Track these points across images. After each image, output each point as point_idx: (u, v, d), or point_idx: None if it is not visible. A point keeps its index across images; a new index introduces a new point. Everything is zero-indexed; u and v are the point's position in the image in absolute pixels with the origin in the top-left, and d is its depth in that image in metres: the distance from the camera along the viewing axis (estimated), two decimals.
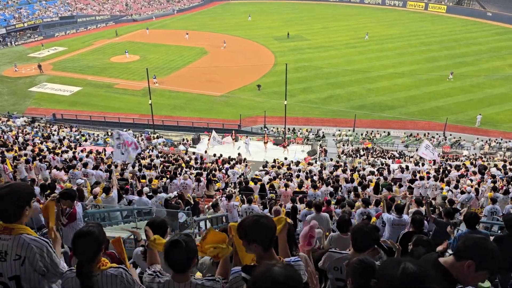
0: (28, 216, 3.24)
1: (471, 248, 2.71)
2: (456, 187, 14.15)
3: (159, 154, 22.64)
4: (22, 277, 3.11)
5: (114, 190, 10.53)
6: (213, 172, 17.21)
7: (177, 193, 12.12)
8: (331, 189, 13.17)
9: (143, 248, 4.60)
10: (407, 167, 19.59)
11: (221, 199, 14.03)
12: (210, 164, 20.98)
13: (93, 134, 30.97)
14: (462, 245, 2.75)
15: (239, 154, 24.62)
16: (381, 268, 2.14)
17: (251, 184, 14.75)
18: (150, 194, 11.72)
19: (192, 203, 11.96)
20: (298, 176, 17.30)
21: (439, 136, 31.82)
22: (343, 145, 30.59)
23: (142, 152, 22.73)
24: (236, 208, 11.60)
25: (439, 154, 27.58)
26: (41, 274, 3.16)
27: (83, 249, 3.08)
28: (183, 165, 19.50)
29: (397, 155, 26.48)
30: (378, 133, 32.63)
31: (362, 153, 27.13)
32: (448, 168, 19.81)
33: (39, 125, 31.72)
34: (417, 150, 26.56)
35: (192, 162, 21.10)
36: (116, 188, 10.75)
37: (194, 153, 26.32)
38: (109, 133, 31.04)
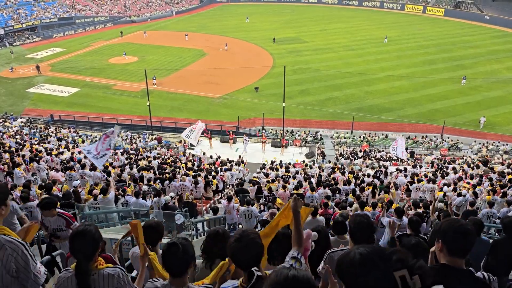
0: (4, 215, 3.22)
1: (442, 228, 2.76)
2: (454, 189, 14.16)
3: (157, 156, 22.61)
4: None
5: (112, 192, 10.50)
6: (212, 173, 17.19)
7: (176, 193, 12.12)
8: (329, 192, 13.16)
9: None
10: (405, 169, 19.65)
11: (219, 201, 14.00)
12: (208, 165, 20.97)
13: (91, 135, 30.90)
14: (436, 226, 2.80)
15: (239, 156, 24.60)
16: (340, 257, 2.17)
17: (250, 186, 14.75)
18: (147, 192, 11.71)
19: (190, 201, 11.95)
20: (294, 177, 17.31)
21: (437, 139, 31.89)
22: (341, 147, 30.60)
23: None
24: (236, 209, 11.58)
25: (436, 157, 27.69)
26: (13, 277, 3.11)
27: (81, 248, 3.09)
28: (182, 165, 19.49)
29: (395, 158, 26.51)
30: (376, 135, 32.67)
31: (360, 155, 27.15)
32: (446, 170, 19.85)
33: (36, 126, 31.63)
34: (413, 153, 26.69)
35: (190, 164, 21.07)
36: (114, 189, 10.73)
37: (193, 154, 26.30)
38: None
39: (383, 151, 29.23)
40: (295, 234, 3.24)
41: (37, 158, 15.64)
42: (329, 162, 23.58)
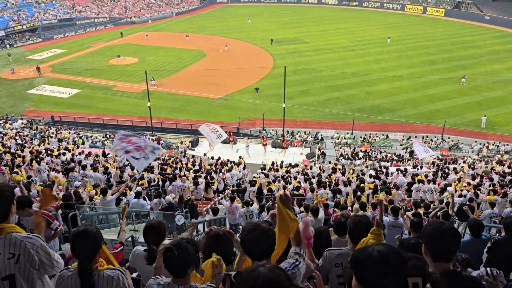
0: (14, 213, 3.28)
1: (427, 232, 2.65)
2: (454, 190, 14.13)
3: (157, 156, 22.59)
4: (17, 275, 3.10)
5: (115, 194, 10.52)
6: (212, 174, 17.18)
7: (177, 194, 12.11)
8: (329, 192, 13.16)
9: (147, 252, 4.42)
10: (405, 170, 19.62)
11: (219, 202, 14.00)
12: (209, 166, 20.96)
13: (91, 136, 30.92)
14: (422, 230, 2.68)
15: (240, 157, 24.57)
16: (356, 252, 2.14)
17: (250, 187, 14.72)
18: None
19: (189, 200, 11.95)
20: (295, 178, 17.30)
21: (438, 139, 31.87)
22: (341, 148, 30.59)
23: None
24: (238, 210, 11.57)
25: (437, 157, 27.67)
26: (36, 270, 3.17)
27: (82, 248, 3.08)
28: (183, 166, 19.47)
29: (395, 158, 26.51)
30: (376, 136, 32.65)
31: (360, 155, 27.14)
32: (446, 171, 19.83)
33: (37, 127, 31.65)
34: (412, 153, 26.61)
35: (190, 165, 21.05)
36: (118, 194, 10.72)
37: (193, 155, 26.30)
38: (108, 136, 31.00)
39: (384, 151, 29.23)
40: (294, 236, 3.26)
41: (38, 159, 15.64)
42: (329, 162, 23.58)
